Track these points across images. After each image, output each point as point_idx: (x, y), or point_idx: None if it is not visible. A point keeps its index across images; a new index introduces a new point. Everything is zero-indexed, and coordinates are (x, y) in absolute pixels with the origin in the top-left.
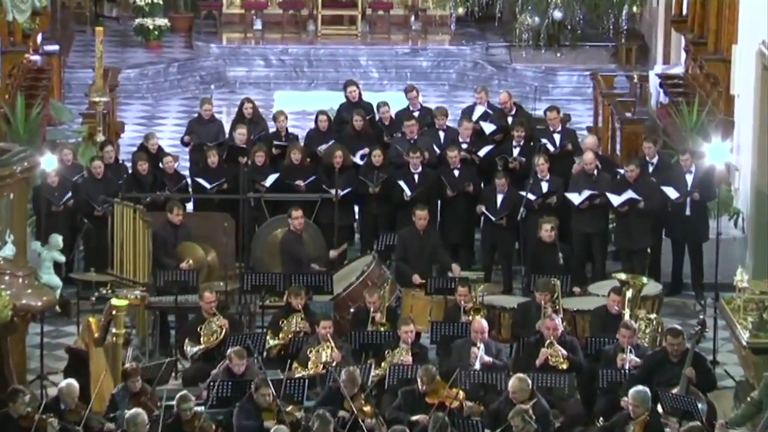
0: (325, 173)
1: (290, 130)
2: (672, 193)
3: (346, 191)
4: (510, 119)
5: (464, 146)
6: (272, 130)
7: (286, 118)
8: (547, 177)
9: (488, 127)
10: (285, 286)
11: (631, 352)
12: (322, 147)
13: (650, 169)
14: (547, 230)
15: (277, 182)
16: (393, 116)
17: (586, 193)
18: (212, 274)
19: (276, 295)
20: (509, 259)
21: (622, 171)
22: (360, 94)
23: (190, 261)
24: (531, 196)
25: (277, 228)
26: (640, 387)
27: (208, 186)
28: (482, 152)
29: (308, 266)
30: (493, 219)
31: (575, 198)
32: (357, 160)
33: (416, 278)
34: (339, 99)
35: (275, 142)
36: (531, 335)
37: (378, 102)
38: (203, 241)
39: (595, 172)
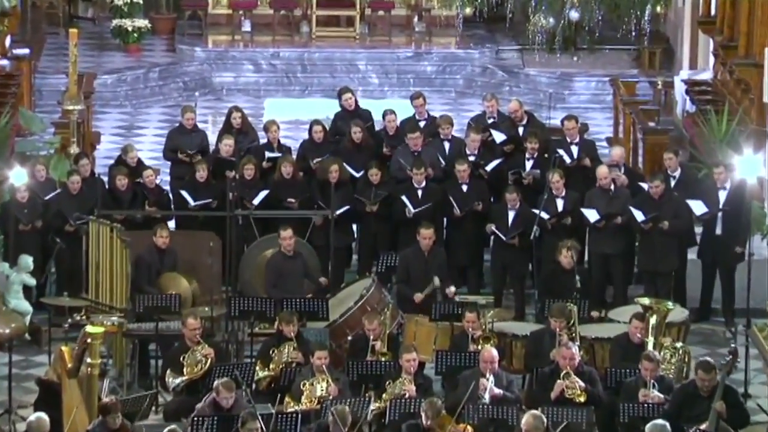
0: (319, 189)
1: (282, 141)
2: (699, 208)
3: (342, 209)
4: (521, 129)
5: (471, 159)
6: (263, 141)
7: (279, 128)
8: (563, 193)
9: (499, 136)
10: (276, 311)
11: (654, 386)
12: (318, 160)
13: (672, 183)
14: (567, 255)
15: (268, 198)
16: (398, 126)
17: (594, 213)
18: (196, 302)
19: (266, 322)
20: (521, 282)
21: (647, 187)
22: (356, 101)
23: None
24: (545, 215)
25: (267, 248)
26: (658, 421)
27: (192, 201)
28: (491, 166)
29: (298, 291)
30: (504, 238)
31: (591, 215)
32: (356, 173)
33: (418, 297)
34: (335, 107)
35: (267, 154)
36: (545, 365)
37: (384, 110)
38: (186, 264)
39: (612, 187)
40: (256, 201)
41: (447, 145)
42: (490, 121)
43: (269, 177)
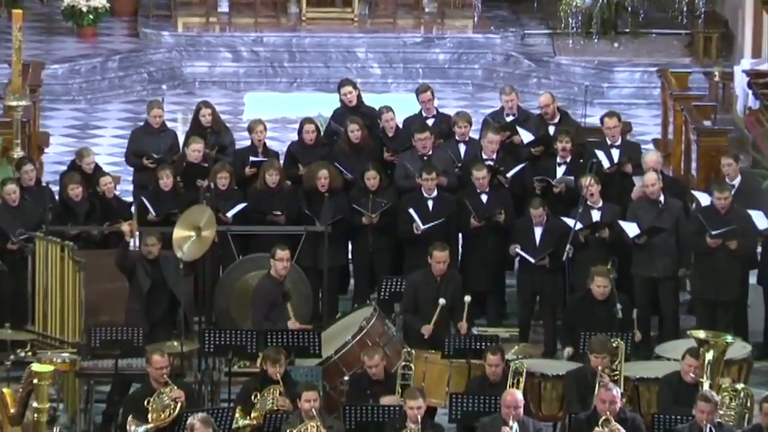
0: (307, 199)
1: (268, 144)
2: (762, 221)
3: (335, 219)
4: (552, 129)
5: (489, 163)
6: (246, 143)
7: (266, 128)
8: (599, 204)
9: (526, 136)
10: (258, 346)
11: None
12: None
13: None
14: (600, 285)
15: (249, 211)
16: (398, 125)
17: (634, 227)
18: (197, 251)
19: (247, 359)
20: (553, 311)
21: (706, 197)
22: (360, 96)
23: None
24: (579, 227)
25: (248, 271)
26: None
27: (153, 212)
28: (512, 172)
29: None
30: (532, 260)
31: (630, 229)
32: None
33: (426, 329)
34: (330, 103)
35: (251, 158)
36: (585, 411)
37: (379, 107)
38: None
39: (662, 198)
40: (230, 214)
41: (463, 147)
42: (509, 119)
43: (250, 186)
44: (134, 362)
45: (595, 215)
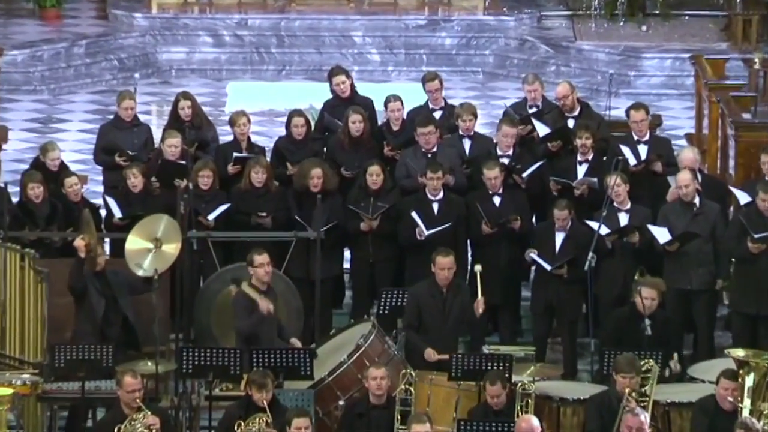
0: (297, 202)
1: (253, 139)
2: None
3: (329, 226)
4: (572, 122)
5: (504, 161)
6: (229, 138)
7: (249, 121)
8: (627, 206)
9: (542, 129)
10: (243, 368)
11: None
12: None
13: None
14: (648, 297)
15: (231, 214)
16: (405, 118)
17: (665, 232)
18: (159, 265)
19: (230, 381)
20: (573, 327)
21: (745, 195)
22: (353, 86)
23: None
24: (604, 232)
25: (231, 282)
26: None
27: (118, 213)
28: (529, 171)
29: (274, 339)
30: (549, 268)
31: (661, 235)
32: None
33: (430, 353)
34: (324, 93)
35: (235, 155)
36: None
37: (386, 97)
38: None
39: (697, 200)
40: (211, 216)
41: (468, 143)
42: (533, 111)
43: (234, 186)
44: (103, 384)
45: (623, 219)
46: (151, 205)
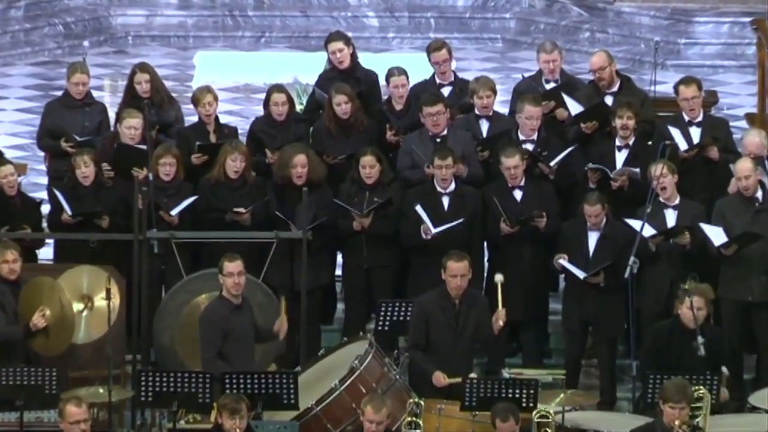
0: (278, 196)
1: (223, 120)
2: None
3: (316, 223)
4: (610, 100)
5: (527, 147)
6: (193, 118)
7: (216, 99)
8: (677, 200)
9: (574, 106)
10: (213, 394)
11: None
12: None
13: None
14: (700, 306)
15: (200, 211)
16: (409, 96)
17: (721, 233)
18: (92, 330)
19: (197, 411)
20: (611, 346)
21: None
22: (355, 55)
23: (45, 311)
24: (649, 233)
25: (199, 292)
26: None
27: (69, 210)
28: (558, 158)
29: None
30: (582, 276)
31: (716, 235)
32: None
33: (439, 378)
34: (311, 65)
35: (198, 143)
36: None
37: (388, 69)
38: (67, 316)
39: (760, 194)
40: (175, 211)
41: (485, 124)
42: (549, 86)
43: (202, 178)
44: (45, 415)
45: (670, 217)
46: (104, 200)
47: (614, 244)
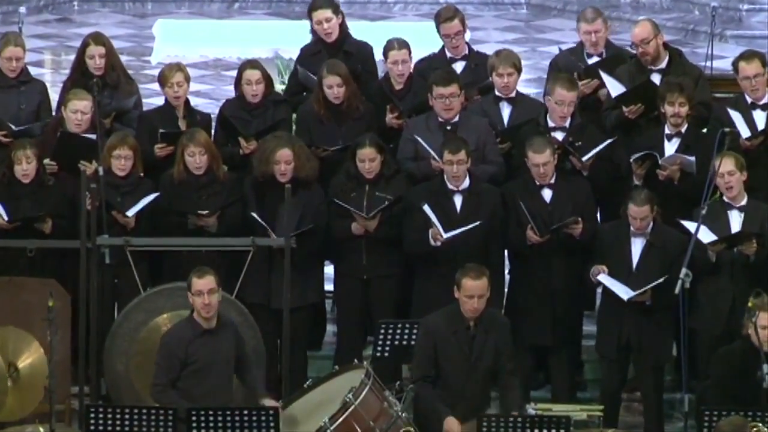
0: (257, 196)
1: (195, 104)
2: None
3: (302, 229)
4: (657, 78)
5: (558, 136)
6: (158, 101)
7: (188, 78)
8: (743, 201)
9: (614, 86)
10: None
11: None
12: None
13: None
14: (765, 324)
15: (161, 214)
16: (412, 73)
17: None
18: (24, 402)
19: None
20: (659, 377)
21: None
22: (344, 25)
23: None
24: (707, 239)
25: (159, 312)
26: None
27: (5, 216)
28: (595, 151)
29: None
30: (625, 297)
31: None
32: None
33: (451, 424)
34: (295, 36)
35: (161, 131)
36: None
37: (387, 41)
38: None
39: None
40: (131, 212)
41: (507, 108)
42: (592, 60)
43: (164, 173)
44: None
45: (735, 220)
46: (44, 200)
47: (663, 253)
